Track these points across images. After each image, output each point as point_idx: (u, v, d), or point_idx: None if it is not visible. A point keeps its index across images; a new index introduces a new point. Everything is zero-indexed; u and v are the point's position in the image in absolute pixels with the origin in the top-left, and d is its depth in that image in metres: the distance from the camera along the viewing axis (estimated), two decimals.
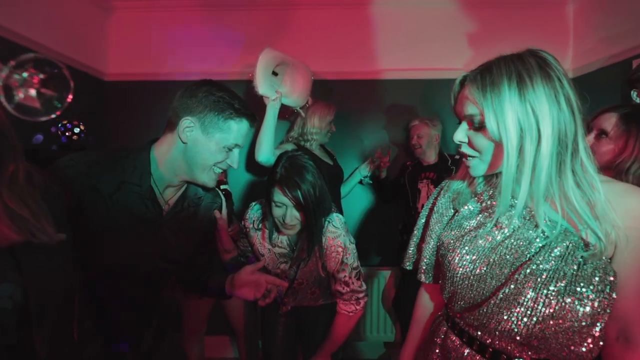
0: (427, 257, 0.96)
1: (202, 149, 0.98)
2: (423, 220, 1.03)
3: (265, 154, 1.91)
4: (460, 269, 0.79)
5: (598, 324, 0.68)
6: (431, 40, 2.56)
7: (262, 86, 1.89)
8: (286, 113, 2.30)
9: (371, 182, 2.44)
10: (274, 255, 1.36)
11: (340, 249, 1.27)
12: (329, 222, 1.29)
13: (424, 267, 0.98)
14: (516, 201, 0.74)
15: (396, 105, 2.61)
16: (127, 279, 1.00)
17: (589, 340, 0.69)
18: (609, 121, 1.14)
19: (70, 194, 0.84)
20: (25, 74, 0.37)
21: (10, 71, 0.35)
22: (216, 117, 0.97)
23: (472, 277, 0.78)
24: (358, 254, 1.33)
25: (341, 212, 2.04)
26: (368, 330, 2.59)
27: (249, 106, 1.04)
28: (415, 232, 1.05)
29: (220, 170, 1.04)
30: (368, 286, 2.07)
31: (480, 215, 0.82)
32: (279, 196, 1.19)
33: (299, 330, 1.53)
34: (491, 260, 0.76)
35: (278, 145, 2.14)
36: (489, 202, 0.82)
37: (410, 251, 1.06)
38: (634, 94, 1.57)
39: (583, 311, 0.67)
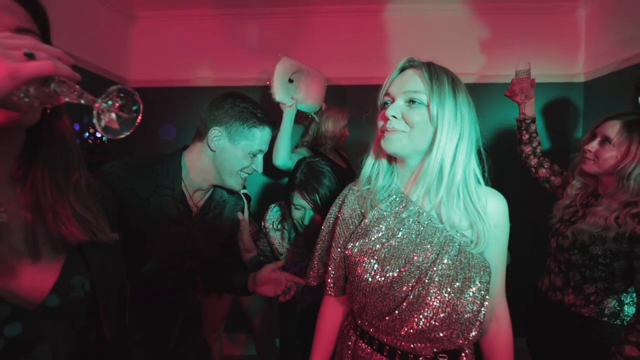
0: (334, 269, 0.95)
1: (229, 156, 1.07)
2: (326, 233, 1.00)
3: (283, 158, 2.00)
4: (371, 280, 0.82)
5: (482, 310, 0.78)
6: (443, 46, 2.60)
7: (279, 93, 1.98)
8: (302, 118, 2.39)
9: None
10: (292, 254, 1.44)
11: None
12: None
13: (332, 282, 0.96)
14: (420, 204, 0.83)
15: None
16: (160, 277, 1.09)
17: (477, 324, 0.79)
18: (613, 128, 1.19)
19: (116, 197, 0.94)
20: (110, 102, 0.45)
21: (101, 101, 0.44)
22: (241, 126, 1.06)
23: (384, 287, 0.81)
24: None
25: None
26: None
27: (268, 112, 1.12)
28: (318, 245, 1.02)
29: (246, 175, 1.13)
30: None
31: (385, 221, 0.86)
32: (298, 199, 1.27)
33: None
34: (400, 267, 0.80)
35: (293, 150, 2.22)
36: (395, 208, 0.86)
37: (315, 265, 1.04)
38: None
39: (474, 300, 0.77)
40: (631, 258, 1.10)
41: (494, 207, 0.84)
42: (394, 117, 0.81)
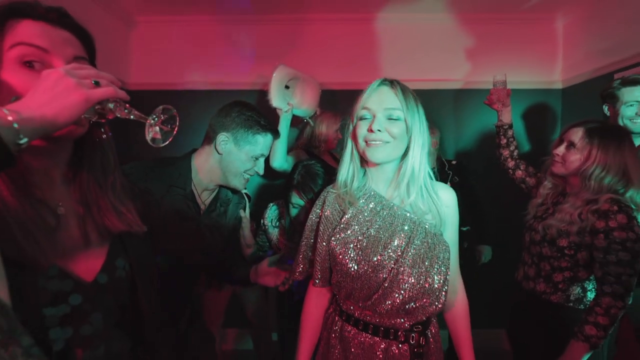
0: (320, 262, 1.07)
1: (234, 159, 1.18)
2: (309, 232, 1.11)
3: (279, 160, 2.11)
4: (357, 267, 0.97)
5: (446, 280, 0.97)
6: (430, 54, 2.74)
7: (276, 99, 2.09)
8: (296, 122, 2.50)
9: None
10: (289, 249, 1.56)
11: None
12: None
13: (319, 274, 1.08)
14: (391, 199, 1.01)
15: None
16: (172, 269, 1.20)
17: (443, 292, 0.98)
18: (577, 134, 1.33)
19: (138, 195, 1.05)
20: (156, 118, 0.56)
21: (150, 118, 0.54)
22: (246, 132, 1.18)
23: (368, 271, 0.96)
24: None
25: None
26: None
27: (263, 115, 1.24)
28: (302, 242, 1.13)
29: (249, 176, 1.24)
30: None
31: (363, 215, 1.01)
32: (296, 199, 1.39)
33: None
34: (379, 252, 0.97)
35: (289, 152, 2.33)
36: (370, 204, 1.02)
37: (300, 261, 1.14)
38: (605, 107, 1.76)
39: (439, 272, 0.95)
40: (591, 249, 1.25)
41: (444, 194, 1.03)
42: (379, 130, 0.94)
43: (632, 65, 2.13)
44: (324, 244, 1.05)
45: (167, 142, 0.60)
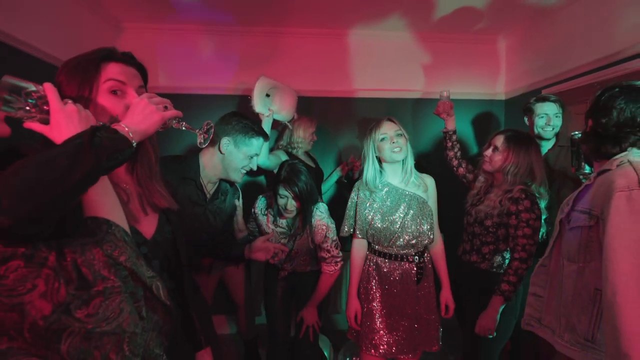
0: (360, 224, 1.77)
1: (234, 157, 1.48)
2: (350, 208, 1.82)
3: (262, 159, 2.40)
4: (381, 225, 1.71)
5: (432, 228, 1.73)
6: (394, 66, 3.09)
7: (258, 106, 2.39)
8: (276, 124, 2.80)
9: (346, 181, 2.97)
10: (276, 234, 1.87)
11: (324, 227, 1.80)
12: (316, 208, 1.82)
13: (359, 230, 1.78)
14: (398, 185, 1.69)
15: (366, 119, 3.14)
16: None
17: (430, 235, 1.73)
18: (499, 140, 1.73)
19: None
20: (201, 129, 0.85)
21: (199, 129, 0.83)
22: (244, 137, 1.48)
23: (388, 226, 1.70)
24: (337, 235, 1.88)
25: None
26: (342, 304, 3.13)
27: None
28: (346, 214, 1.82)
29: (245, 171, 1.54)
30: (342, 268, 2.56)
31: (382, 197, 1.73)
32: (282, 190, 1.71)
33: (293, 291, 2.04)
34: (393, 215, 1.70)
35: (270, 152, 2.63)
36: (384, 189, 1.73)
37: (347, 224, 1.82)
38: (525, 119, 2.20)
39: (427, 224, 1.71)
40: (507, 227, 1.65)
41: (427, 179, 1.78)
42: (397, 141, 1.67)
43: (556, 82, 2.59)
44: (364, 212, 1.74)
45: (206, 144, 0.91)
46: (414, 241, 1.68)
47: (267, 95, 2.49)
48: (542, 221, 1.67)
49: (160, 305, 0.78)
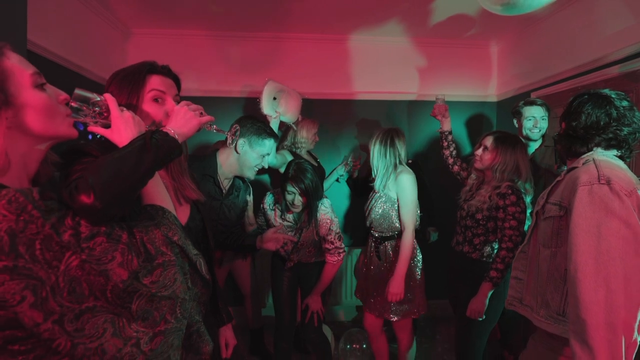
0: (369, 214, 2.16)
1: (249, 157, 1.63)
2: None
3: (271, 158, 2.55)
4: (367, 215, 2.12)
5: (398, 218, 2.05)
6: (390, 69, 3.25)
7: (266, 108, 2.53)
8: (281, 125, 2.95)
9: (346, 180, 3.13)
10: (283, 227, 2.02)
11: (328, 221, 1.96)
12: (321, 204, 1.98)
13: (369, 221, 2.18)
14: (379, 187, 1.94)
15: (365, 120, 3.30)
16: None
17: (397, 223, 2.06)
18: (489, 141, 1.90)
19: None
20: (230, 131, 1.01)
21: (228, 131, 0.99)
22: (257, 138, 1.63)
23: (378, 216, 2.07)
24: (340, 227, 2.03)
25: None
26: (344, 296, 3.28)
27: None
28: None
29: (257, 169, 1.69)
30: (343, 261, 2.73)
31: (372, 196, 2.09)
32: (290, 187, 1.86)
33: (298, 281, 2.19)
34: (370, 208, 2.10)
35: (276, 152, 2.77)
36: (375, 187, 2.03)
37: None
38: (514, 121, 2.37)
39: (395, 214, 2.07)
40: (496, 220, 1.81)
41: (401, 177, 2.02)
42: None
43: (544, 86, 2.76)
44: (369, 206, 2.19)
45: (234, 144, 1.06)
46: (386, 227, 2.17)
47: (274, 99, 2.64)
48: (528, 214, 1.84)
49: (200, 278, 0.93)
